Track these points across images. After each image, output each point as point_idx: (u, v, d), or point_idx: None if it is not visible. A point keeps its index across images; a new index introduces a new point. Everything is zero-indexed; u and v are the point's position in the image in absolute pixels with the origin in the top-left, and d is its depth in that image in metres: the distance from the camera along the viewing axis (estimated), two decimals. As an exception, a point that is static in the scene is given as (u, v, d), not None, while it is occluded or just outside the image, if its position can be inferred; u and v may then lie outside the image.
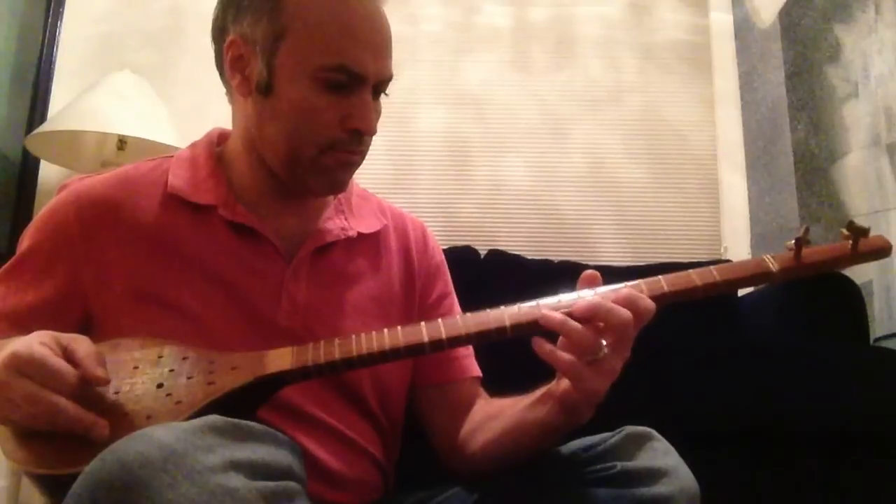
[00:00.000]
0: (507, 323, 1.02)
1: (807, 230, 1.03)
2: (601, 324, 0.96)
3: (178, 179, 1.23)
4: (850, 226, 1.03)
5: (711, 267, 1.05)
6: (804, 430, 1.72)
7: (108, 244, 1.18)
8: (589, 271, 1.04)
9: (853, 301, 2.14)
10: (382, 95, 1.22)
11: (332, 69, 1.13)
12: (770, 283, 1.06)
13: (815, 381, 1.77)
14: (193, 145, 1.31)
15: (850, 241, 1.04)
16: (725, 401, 1.75)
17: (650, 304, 0.98)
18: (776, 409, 1.74)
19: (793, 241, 1.04)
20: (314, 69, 1.13)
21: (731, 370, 1.80)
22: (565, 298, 1.02)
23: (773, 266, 1.04)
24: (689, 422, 1.66)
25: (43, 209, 1.23)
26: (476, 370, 1.33)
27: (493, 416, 1.18)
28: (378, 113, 1.22)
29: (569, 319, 0.96)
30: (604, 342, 0.95)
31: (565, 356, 0.96)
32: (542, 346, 0.97)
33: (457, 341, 1.03)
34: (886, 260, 2.39)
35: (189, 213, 1.21)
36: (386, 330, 1.03)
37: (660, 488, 0.96)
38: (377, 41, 1.17)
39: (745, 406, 1.75)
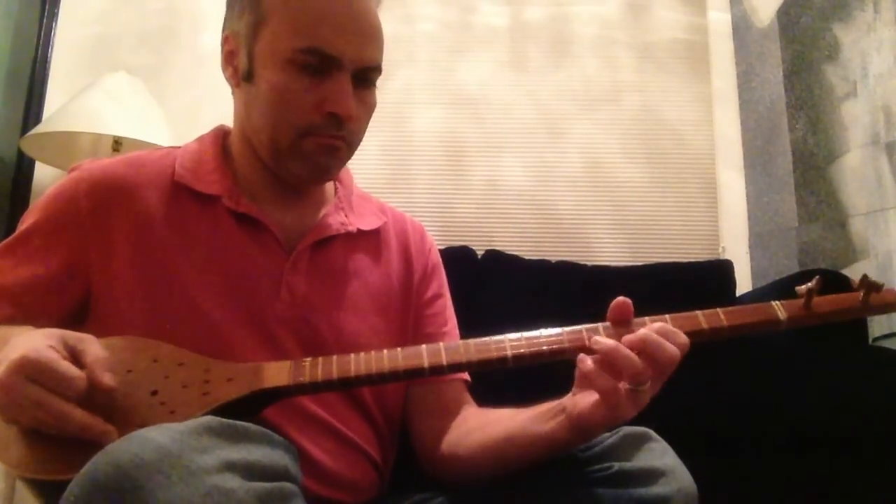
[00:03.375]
0: (509, 353, 1.01)
1: (818, 281, 1.02)
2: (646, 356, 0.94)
3: (184, 169, 1.25)
4: (864, 280, 1.03)
5: (718, 310, 1.04)
6: (803, 430, 1.72)
7: (115, 224, 1.18)
8: (621, 299, 1.02)
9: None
10: (378, 90, 1.23)
11: (305, 51, 1.14)
12: (777, 330, 1.04)
13: (813, 381, 1.77)
14: (201, 138, 1.33)
15: (862, 294, 1.04)
16: (723, 400, 1.75)
17: (686, 340, 0.97)
18: (774, 408, 1.74)
19: (804, 287, 1.03)
20: (288, 52, 1.15)
21: (730, 370, 1.80)
22: (571, 328, 1.02)
23: (782, 314, 1.03)
24: (687, 422, 1.65)
25: (51, 187, 1.24)
26: (465, 374, 1.32)
27: (488, 423, 1.17)
28: (369, 105, 1.23)
29: (621, 346, 0.94)
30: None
31: (609, 380, 0.93)
32: (587, 365, 0.95)
33: (458, 367, 1.03)
34: (886, 258, 2.39)
35: (194, 202, 1.22)
36: (386, 351, 1.03)
37: (658, 488, 0.96)
38: (354, 27, 1.17)
39: (743, 406, 1.75)
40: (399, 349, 1.04)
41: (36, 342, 0.93)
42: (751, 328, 1.04)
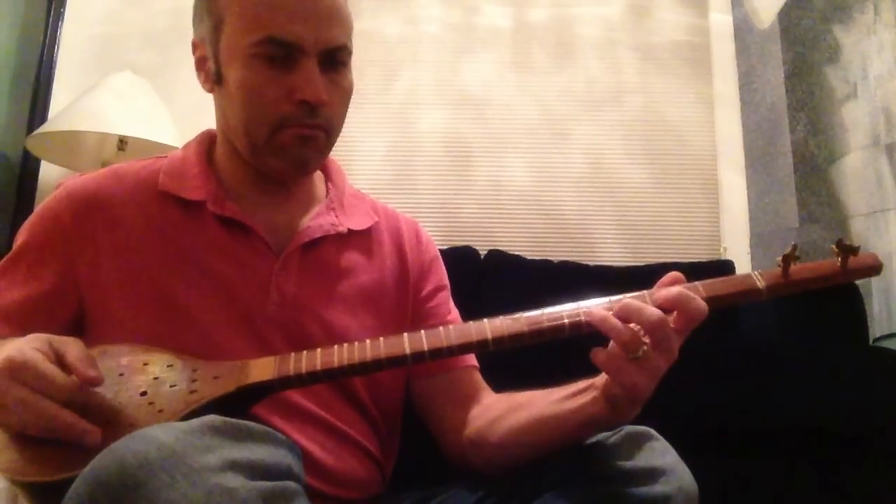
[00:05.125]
0: (489, 336, 1.02)
1: (794, 247, 1.02)
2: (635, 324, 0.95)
3: (168, 178, 1.25)
4: (840, 244, 1.03)
5: (698, 283, 1.03)
6: (803, 431, 1.72)
7: (100, 238, 1.19)
8: (674, 273, 1.03)
9: (852, 301, 2.14)
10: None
11: (261, 43, 1.14)
12: (758, 299, 1.04)
13: (813, 382, 1.77)
14: (186, 145, 1.34)
15: (840, 259, 1.04)
16: (724, 400, 1.75)
17: (701, 306, 0.96)
18: (775, 409, 1.74)
19: (780, 258, 1.03)
20: (246, 47, 1.15)
21: (730, 370, 1.80)
22: (551, 309, 1.03)
23: (760, 283, 1.03)
24: (688, 421, 1.66)
25: (38, 207, 1.26)
26: (473, 359, 1.33)
27: (519, 406, 1.16)
28: (343, 88, 1.22)
29: (609, 316, 0.95)
30: (646, 340, 0.94)
31: (602, 351, 0.95)
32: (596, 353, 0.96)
33: (439, 353, 1.03)
34: (886, 259, 2.40)
35: (179, 210, 1.22)
36: (368, 341, 1.03)
37: (659, 488, 0.96)
38: (308, 9, 1.15)
39: (743, 406, 1.75)
40: (381, 338, 1.04)
41: (21, 345, 0.95)
42: (731, 299, 1.03)
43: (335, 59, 1.19)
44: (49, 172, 2.92)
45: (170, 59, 3.06)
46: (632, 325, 0.95)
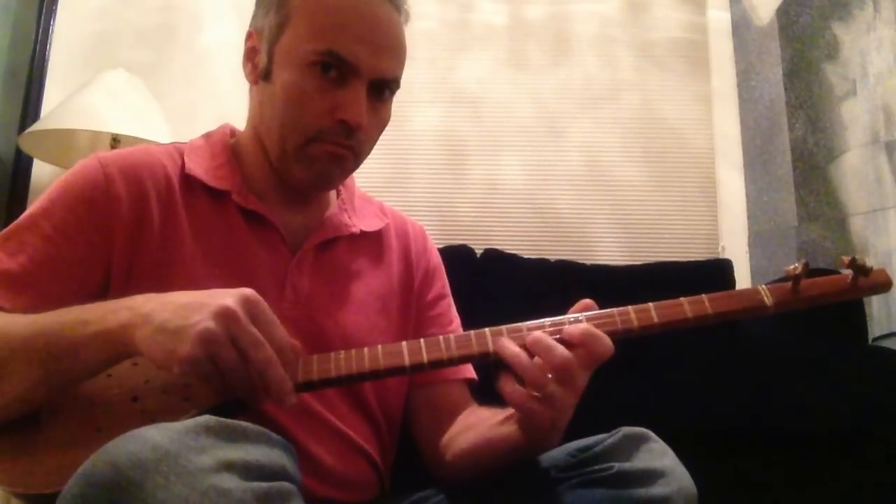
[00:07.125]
0: (491, 347, 1.01)
1: (806, 265, 1.02)
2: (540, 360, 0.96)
3: (194, 164, 1.25)
4: (853, 262, 1.02)
5: (703, 296, 1.04)
6: (802, 431, 1.72)
7: (149, 208, 1.18)
8: (584, 301, 1.04)
9: (851, 300, 2.13)
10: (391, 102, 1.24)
11: (322, 53, 1.15)
12: (764, 315, 1.04)
13: (813, 381, 1.77)
14: (208, 135, 1.33)
15: (850, 277, 1.03)
16: (723, 401, 1.75)
17: (608, 345, 0.97)
18: (774, 409, 1.74)
19: (791, 268, 1.02)
20: (306, 54, 1.15)
21: (730, 370, 1.80)
22: (553, 320, 1.02)
23: (768, 300, 1.03)
24: (687, 422, 1.65)
25: (64, 175, 1.20)
26: (468, 373, 1.33)
27: (470, 426, 1.19)
28: (381, 118, 1.25)
29: (520, 353, 0.96)
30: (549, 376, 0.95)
31: (508, 387, 0.96)
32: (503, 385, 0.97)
33: (439, 363, 1.03)
34: (885, 258, 2.39)
35: (206, 196, 1.23)
36: (366, 349, 1.03)
37: (657, 489, 0.96)
38: (374, 37, 1.18)
39: (742, 406, 1.75)
40: (380, 346, 1.03)
41: (238, 290, 0.95)
42: (737, 315, 1.04)
43: (383, 89, 1.22)
44: (42, 171, 2.92)
45: (162, 56, 3.07)
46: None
